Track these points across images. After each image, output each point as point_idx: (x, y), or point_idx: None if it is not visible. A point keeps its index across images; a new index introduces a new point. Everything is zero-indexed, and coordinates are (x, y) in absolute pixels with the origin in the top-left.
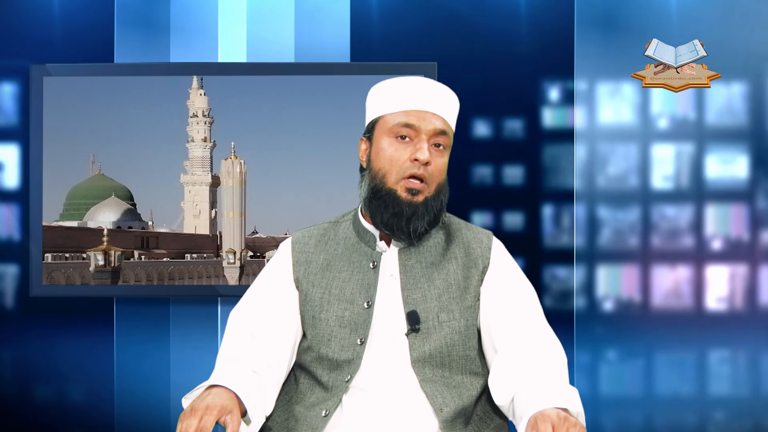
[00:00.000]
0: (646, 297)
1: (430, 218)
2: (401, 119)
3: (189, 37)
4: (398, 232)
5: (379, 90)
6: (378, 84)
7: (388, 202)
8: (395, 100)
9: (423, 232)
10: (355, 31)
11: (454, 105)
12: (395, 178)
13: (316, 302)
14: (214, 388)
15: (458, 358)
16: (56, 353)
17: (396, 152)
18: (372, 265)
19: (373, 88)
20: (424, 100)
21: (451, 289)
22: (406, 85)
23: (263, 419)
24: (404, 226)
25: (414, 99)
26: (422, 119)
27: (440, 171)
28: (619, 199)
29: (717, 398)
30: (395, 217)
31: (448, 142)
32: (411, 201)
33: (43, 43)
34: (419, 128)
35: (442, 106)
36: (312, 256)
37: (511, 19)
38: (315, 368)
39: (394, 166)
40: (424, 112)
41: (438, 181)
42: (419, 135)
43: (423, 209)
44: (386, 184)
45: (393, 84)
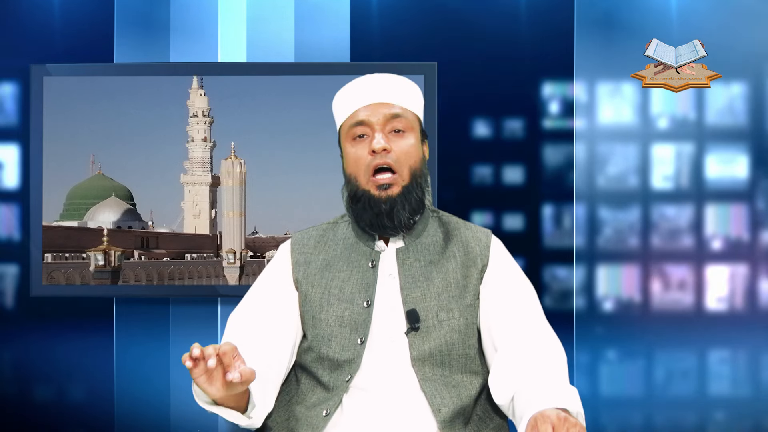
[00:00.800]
0: (646, 297)
1: (411, 206)
2: (352, 120)
3: (189, 37)
4: (384, 229)
5: (334, 101)
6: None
7: (365, 203)
8: (344, 106)
9: (407, 221)
10: (355, 31)
11: (404, 88)
12: (364, 178)
13: (316, 302)
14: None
15: (458, 356)
16: (56, 353)
17: (357, 152)
18: (371, 264)
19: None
20: (368, 94)
21: (450, 288)
22: (351, 87)
23: (264, 414)
24: (387, 222)
25: (359, 97)
26: (371, 112)
27: (407, 153)
28: (619, 199)
29: (717, 398)
30: (377, 217)
31: (407, 124)
32: (386, 196)
33: (43, 43)
34: (370, 121)
35: (389, 92)
36: (311, 257)
37: (511, 19)
38: (316, 368)
39: (359, 166)
40: (372, 105)
41: (409, 165)
42: (372, 128)
43: (401, 200)
44: (359, 186)
45: (341, 92)
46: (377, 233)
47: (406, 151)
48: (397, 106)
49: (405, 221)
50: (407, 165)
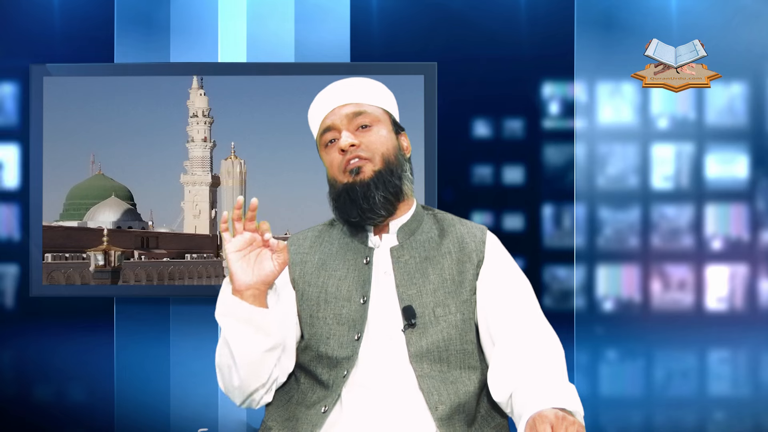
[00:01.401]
0: (646, 297)
1: (387, 189)
2: (321, 128)
3: (189, 37)
4: (365, 214)
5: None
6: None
7: (344, 194)
8: (313, 118)
9: (383, 201)
10: (355, 31)
11: (365, 87)
12: (340, 175)
13: (313, 301)
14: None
15: (456, 352)
16: (56, 353)
17: (330, 156)
18: (365, 261)
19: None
20: (327, 101)
21: (446, 284)
22: (316, 99)
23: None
24: (363, 203)
25: (322, 105)
26: (332, 116)
27: (376, 142)
28: (619, 199)
29: (717, 398)
30: (354, 203)
31: (373, 119)
32: (359, 180)
33: (43, 43)
34: (335, 124)
35: (349, 94)
36: (307, 257)
37: (511, 19)
38: (314, 367)
39: (334, 168)
40: (334, 109)
41: (381, 152)
42: (338, 129)
43: (374, 182)
44: (338, 183)
45: (311, 106)
46: (362, 222)
47: (375, 141)
48: (359, 104)
49: (381, 200)
50: (379, 152)
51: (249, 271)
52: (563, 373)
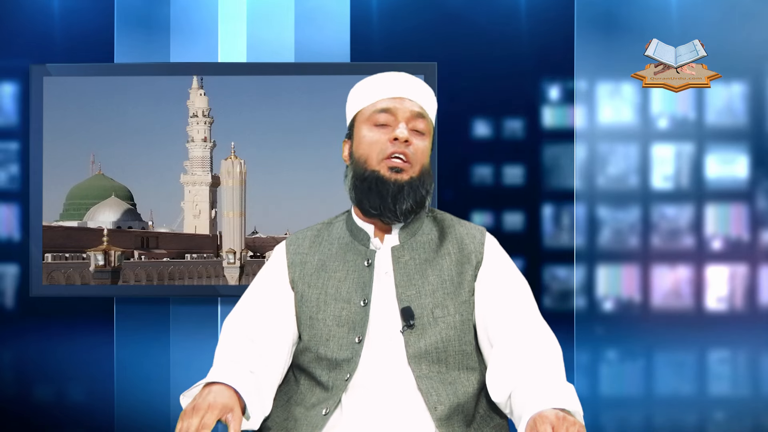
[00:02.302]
0: (646, 297)
1: (416, 198)
2: (378, 106)
3: (189, 37)
4: (386, 212)
5: (355, 88)
6: (355, 85)
7: (372, 183)
8: (371, 92)
9: (409, 210)
10: (355, 31)
11: (430, 96)
12: (376, 160)
13: (313, 303)
14: (214, 385)
15: (454, 353)
16: (56, 353)
17: (375, 136)
18: (366, 263)
19: (350, 90)
20: (399, 87)
21: (445, 285)
22: (381, 77)
23: (261, 418)
24: (390, 204)
25: (389, 87)
26: (399, 103)
27: (422, 153)
28: (619, 199)
29: (717, 398)
30: (381, 198)
31: (427, 128)
32: (396, 179)
33: (43, 43)
34: (396, 112)
35: (417, 92)
36: (306, 257)
37: (511, 19)
38: (314, 368)
39: (373, 149)
40: (401, 98)
41: (421, 163)
42: (397, 119)
43: (408, 188)
44: (369, 166)
45: (368, 79)
46: (378, 215)
47: (421, 150)
48: (422, 108)
49: (407, 208)
50: (420, 163)
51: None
52: (561, 374)
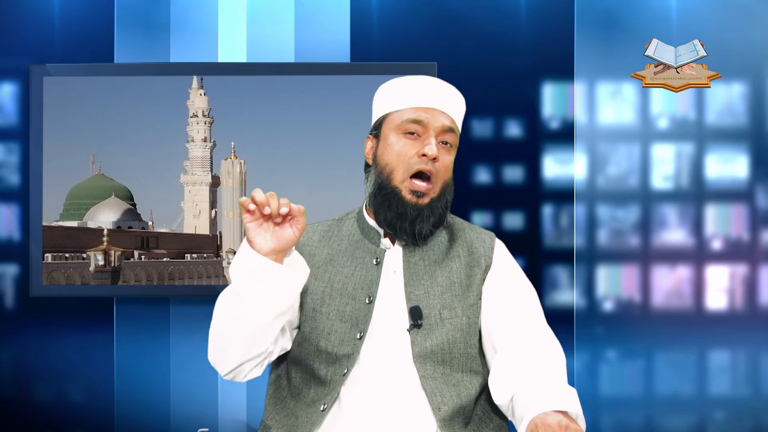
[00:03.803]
0: (646, 297)
1: (435, 220)
2: (409, 115)
3: (189, 37)
4: (401, 233)
5: (387, 88)
6: (386, 83)
7: (392, 201)
8: (403, 97)
9: (428, 234)
10: (355, 31)
11: (461, 105)
12: (402, 176)
13: (318, 295)
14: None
15: (459, 355)
16: (56, 353)
17: (404, 147)
18: (375, 261)
19: (381, 86)
20: (432, 97)
21: (453, 287)
22: (415, 82)
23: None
24: (408, 228)
25: (422, 96)
26: (431, 116)
27: (447, 168)
28: (619, 199)
29: (717, 398)
30: (399, 218)
31: (455, 141)
32: (416, 203)
33: (43, 43)
34: (427, 124)
35: (450, 104)
36: (315, 250)
37: (511, 19)
38: (312, 361)
39: (401, 162)
40: (433, 109)
41: (444, 180)
42: (427, 131)
43: (428, 212)
44: (392, 181)
45: (401, 81)
46: (392, 233)
47: (447, 166)
48: (453, 121)
49: (425, 233)
50: (443, 179)
51: (268, 237)
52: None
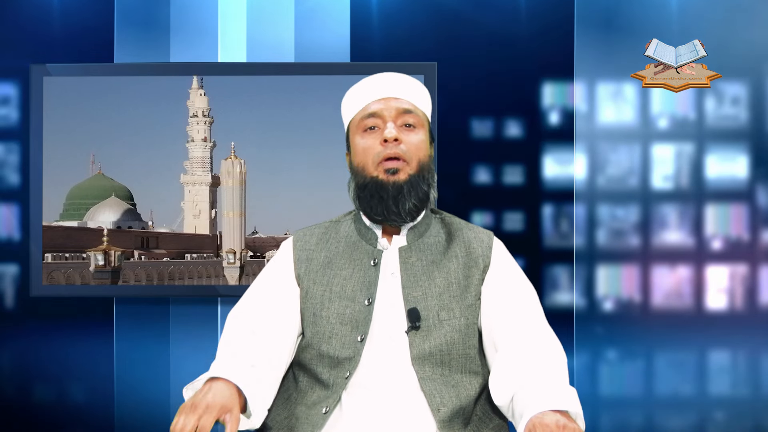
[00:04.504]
0: (646, 297)
1: (418, 195)
2: (364, 112)
3: (189, 37)
4: (390, 215)
5: (344, 100)
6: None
7: (372, 189)
8: (357, 100)
9: (413, 208)
10: (355, 31)
11: (417, 89)
12: (372, 166)
13: (317, 299)
14: (216, 382)
15: (458, 356)
16: (56, 353)
17: (367, 143)
18: (373, 262)
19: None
20: (383, 88)
21: (451, 288)
22: (365, 82)
23: (264, 413)
24: (393, 206)
25: (373, 91)
26: (383, 105)
27: (417, 147)
28: (619, 199)
29: (717, 398)
30: (383, 202)
31: (418, 121)
32: (394, 181)
33: (43, 43)
34: (382, 114)
35: (403, 89)
36: (313, 254)
37: (511, 19)
38: (315, 366)
39: (368, 155)
40: (386, 98)
41: (418, 158)
42: (384, 120)
43: (408, 187)
44: (367, 174)
45: (352, 88)
46: (383, 221)
47: (416, 145)
48: (410, 103)
49: (411, 208)
50: (416, 157)
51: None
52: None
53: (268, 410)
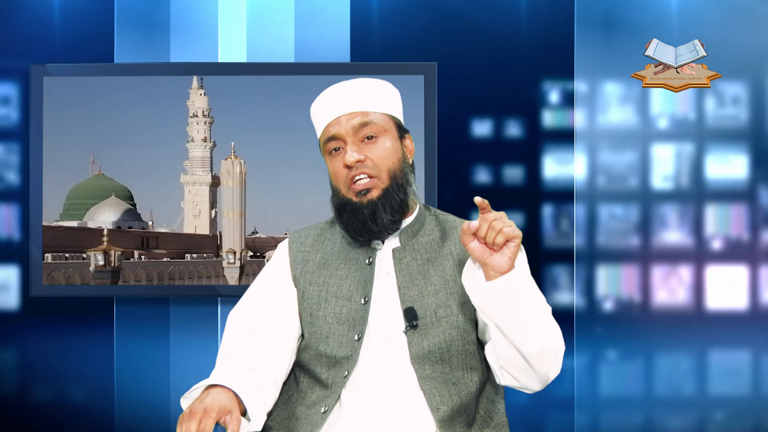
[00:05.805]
0: (646, 297)
1: (393, 208)
2: (324, 136)
3: (189, 37)
4: (373, 234)
5: (311, 115)
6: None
7: (349, 212)
8: (317, 121)
9: (390, 223)
10: (355, 31)
11: (371, 92)
12: (344, 188)
13: (314, 300)
14: (213, 388)
15: (458, 353)
16: (56, 353)
17: (335, 166)
18: (368, 261)
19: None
20: (334, 106)
21: (447, 285)
22: (320, 101)
23: (264, 416)
24: (372, 225)
25: (326, 111)
26: (338, 125)
27: (383, 157)
28: (619, 199)
29: (717, 398)
30: (361, 223)
31: (378, 129)
32: (366, 201)
33: (43, 43)
34: (339, 135)
35: (354, 101)
36: (309, 255)
37: (511, 19)
38: (314, 366)
39: (338, 179)
40: (338, 118)
41: (387, 168)
42: (344, 140)
43: (381, 203)
44: (342, 196)
45: (313, 106)
46: (366, 238)
47: (381, 156)
48: (365, 113)
49: (388, 224)
50: (385, 168)
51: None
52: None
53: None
